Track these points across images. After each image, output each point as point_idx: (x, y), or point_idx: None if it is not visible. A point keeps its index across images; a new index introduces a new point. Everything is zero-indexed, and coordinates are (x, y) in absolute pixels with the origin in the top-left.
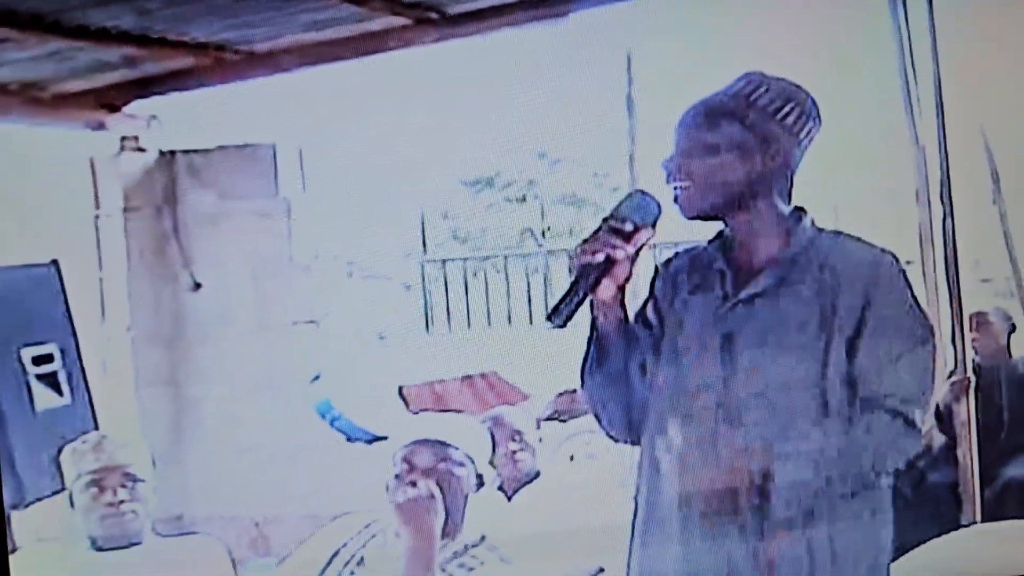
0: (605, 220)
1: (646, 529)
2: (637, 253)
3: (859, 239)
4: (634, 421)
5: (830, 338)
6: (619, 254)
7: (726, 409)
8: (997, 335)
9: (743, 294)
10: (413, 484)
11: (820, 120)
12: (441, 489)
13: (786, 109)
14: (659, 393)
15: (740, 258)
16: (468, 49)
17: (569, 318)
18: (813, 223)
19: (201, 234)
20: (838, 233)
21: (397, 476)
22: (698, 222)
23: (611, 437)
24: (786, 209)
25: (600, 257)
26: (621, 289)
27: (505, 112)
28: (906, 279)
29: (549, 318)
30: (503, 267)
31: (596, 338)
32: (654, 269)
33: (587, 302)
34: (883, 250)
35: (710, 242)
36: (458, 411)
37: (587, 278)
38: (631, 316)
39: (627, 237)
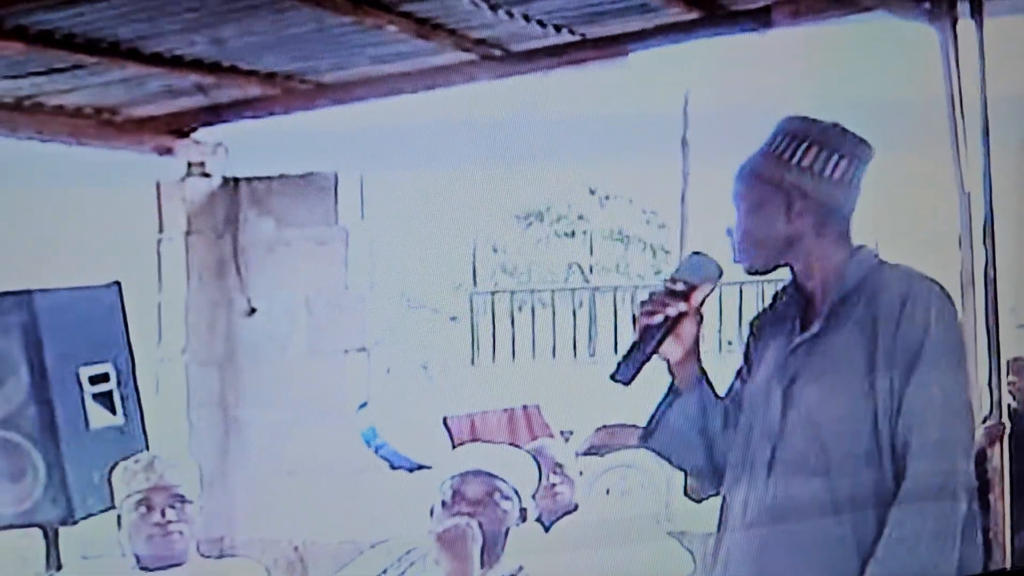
0: (665, 282)
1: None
2: (698, 312)
3: (909, 270)
4: (715, 467)
5: (874, 371)
6: (672, 312)
7: (782, 454)
8: None
9: (800, 338)
10: (457, 514)
11: (866, 146)
12: (485, 520)
13: (799, 151)
14: (736, 442)
15: (807, 302)
16: (528, 86)
17: (634, 377)
18: (875, 256)
19: (259, 260)
20: (892, 265)
21: (444, 504)
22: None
23: (693, 493)
24: (845, 249)
25: (658, 318)
26: (693, 349)
27: (559, 148)
28: (948, 303)
29: (613, 377)
30: (550, 301)
31: (671, 394)
32: (745, 333)
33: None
34: (923, 278)
35: (781, 291)
36: (499, 442)
37: (650, 338)
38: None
39: (684, 296)
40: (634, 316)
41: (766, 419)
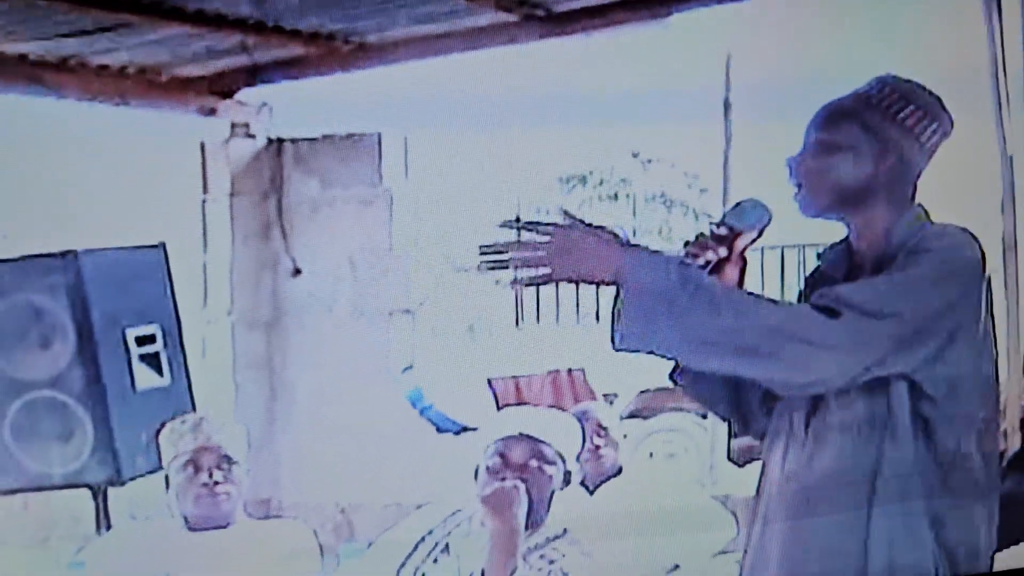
0: (711, 225)
1: (756, 530)
2: (742, 256)
3: (948, 229)
4: (748, 416)
5: (913, 336)
6: (712, 256)
7: (823, 408)
8: None
9: None
10: (502, 479)
11: (951, 123)
12: (530, 485)
13: (907, 111)
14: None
15: (854, 261)
16: (570, 47)
17: None
18: (927, 216)
19: (304, 221)
20: (938, 225)
21: (488, 468)
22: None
23: (736, 456)
24: (905, 212)
25: (700, 260)
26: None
27: (602, 111)
28: (981, 265)
29: None
30: None
31: None
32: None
33: None
34: (962, 234)
35: (830, 249)
36: (543, 405)
37: None
38: None
39: (728, 241)
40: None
41: None
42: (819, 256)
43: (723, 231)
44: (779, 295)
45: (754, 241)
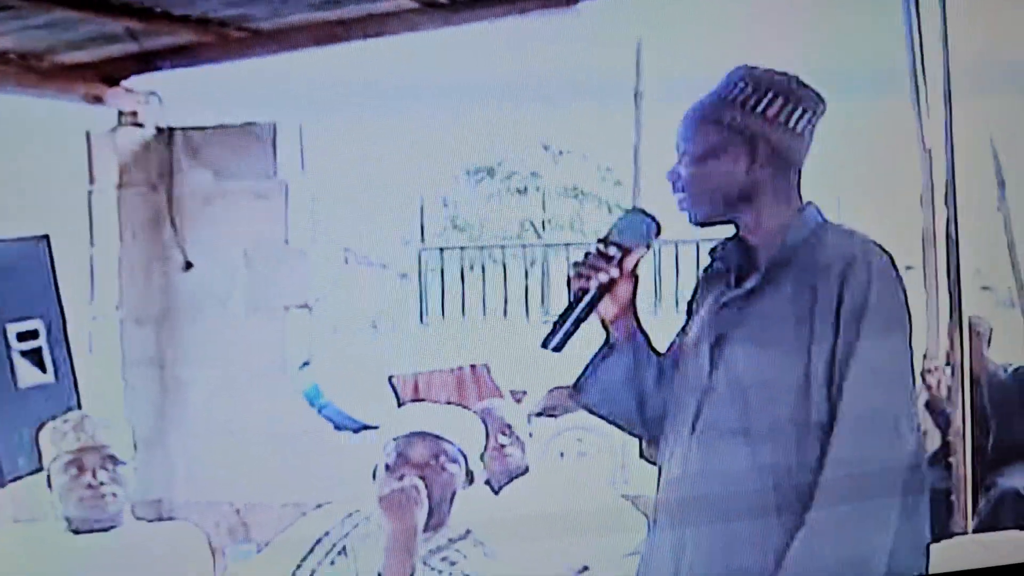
0: (598, 242)
1: (653, 529)
2: (633, 271)
3: (850, 230)
4: (651, 425)
5: (811, 336)
6: (604, 278)
7: (707, 412)
8: (979, 343)
9: (730, 295)
10: (401, 477)
11: (821, 101)
12: (431, 484)
13: (775, 104)
14: (669, 397)
15: (747, 259)
16: (475, 36)
17: (564, 342)
18: (820, 216)
19: (196, 213)
20: (836, 226)
21: (388, 467)
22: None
23: (632, 435)
24: (795, 204)
25: (592, 284)
26: (629, 305)
27: (510, 102)
28: (893, 271)
29: (545, 344)
30: (501, 258)
31: (605, 348)
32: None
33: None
34: (865, 240)
35: (720, 245)
36: (447, 403)
37: (581, 303)
38: (646, 327)
39: (617, 261)
40: (568, 279)
41: (693, 376)
42: (711, 253)
43: (612, 251)
44: (674, 293)
45: (643, 256)
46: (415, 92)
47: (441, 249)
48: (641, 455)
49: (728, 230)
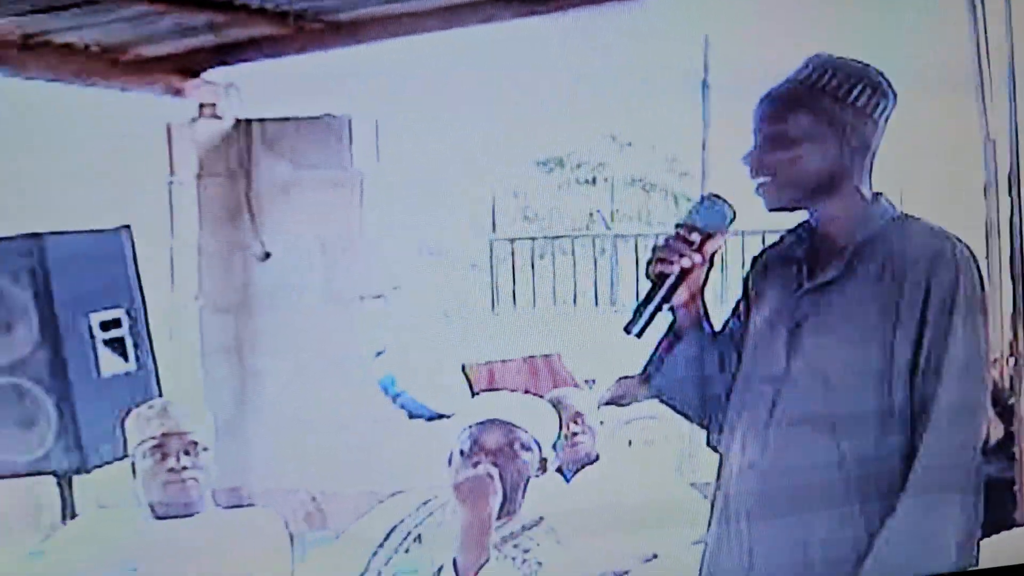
0: (677, 227)
1: (715, 520)
2: (711, 259)
3: (933, 225)
4: (711, 411)
5: (896, 327)
6: (687, 263)
7: (785, 400)
8: None
9: (810, 284)
10: (476, 464)
11: (894, 93)
12: (504, 470)
13: (856, 91)
14: (735, 386)
15: (818, 247)
16: (547, 27)
17: (646, 327)
18: (893, 207)
19: (273, 204)
20: (916, 219)
21: (462, 453)
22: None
23: (691, 421)
24: (868, 194)
25: (675, 268)
26: (699, 291)
27: (579, 93)
28: (974, 266)
29: (627, 329)
30: (571, 249)
31: (672, 334)
32: (747, 267)
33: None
34: (948, 236)
35: (791, 231)
36: (519, 391)
37: (662, 288)
38: (711, 313)
39: (697, 247)
40: (647, 265)
41: (769, 363)
42: (779, 241)
43: (694, 236)
44: (740, 284)
45: (723, 243)
46: (487, 84)
47: (512, 240)
48: (708, 444)
49: (794, 219)
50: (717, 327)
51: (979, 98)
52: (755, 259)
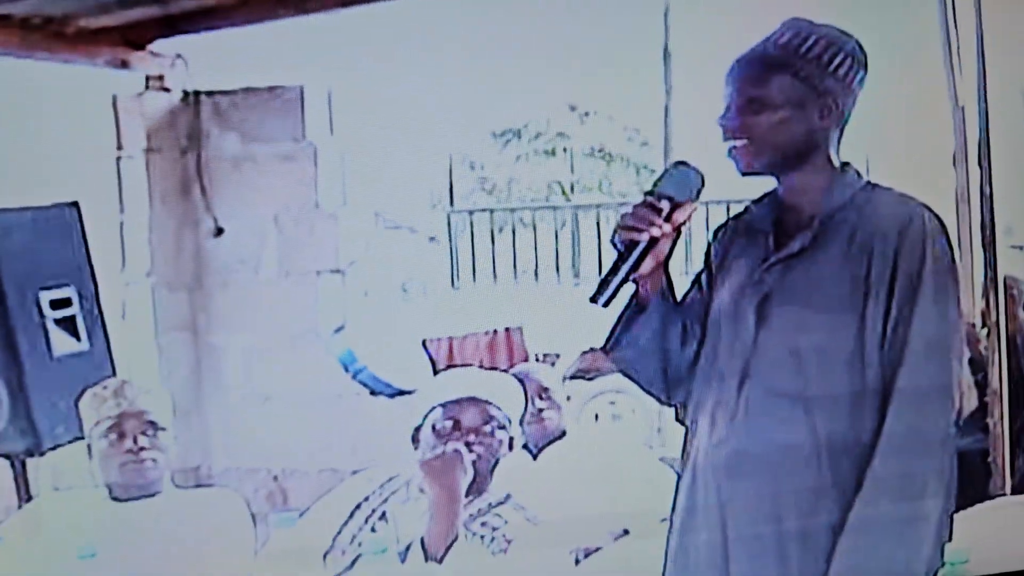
0: (646, 194)
1: (683, 495)
2: (679, 228)
3: (901, 194)
4: (672, 384)
5: (866, 297)
6: (656, 232)
7: (755, 373)
8: (1015, 304)
9: (778, 255)
10: (448, 442)
11: (866, 66)
12: (480, 450)
13: (838, 59)
14: (702, 360)
15: (785, 218)
16: None
17: (614, 297)
18: (860, 177)
19: (225, 178)
20: (885, 188)
21: (436, 431)
22: (750, 179)
23: (651, 395)
24: (837, 163)
25: (644, 237)
26: (663, 262)
27: (536, 62)
28: (944, 236)
29: (594, 299)
30: (531, 221)
31: (635, 305)
32: (709, 238)
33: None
34: (917, 205)
35: (756, 202)
36: (482, 367)
37: (630, 257)
38: (675, 284)
39: (666, 215)
40: (613, 233)
41: (737, 337)
42: (746, 209)
43: (664, 204)
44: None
45: (692, 212)
46: (442, 53)
47: (470, 212)
48: (676, 418)
49: (759, 189)
50: (679, 298)
51: (947, 64)
52: (718, 229)
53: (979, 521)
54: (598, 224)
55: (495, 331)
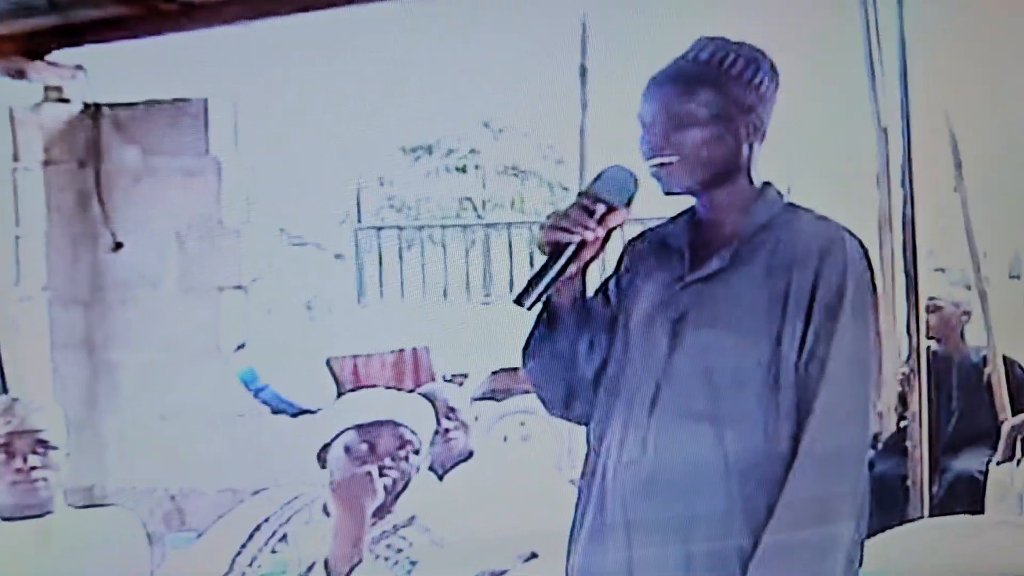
0: (579, 195)
1: (590, 516)
2: (609, 234)
3: (822, 216)
4: (574, 401)
5: (783, 319)
6: (589, 236)
7: (667, 394)
8: (952, 324)
9: (695, 275)
10: (362, 464)
11: (778, 84)
12: (393, 474)
13: (759, 76)
14: (611, 378)
15: (703, 236)
16: (414, 10)
17: (539, 299)
18: (781, 197)
19: (125, 192)
20: (805, 210)
21: (351, 454)
22: (672, 197)
23: (554, 414)
24: (755, 184)
25: (575, 239)
26: (582, 269)
27: (450, 77)
28: (865, 262)
29: (519, 300)
30: (440, 238)
31: (548, 314)
32: (623, 246)
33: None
34: (838, 229)
35: (674, 219)
36: (388, 387)
37: (558, 259)
38: (589, 292)
39: (599, 219)
40: (543, 229)
41: (649, 353)
42: (658, 228)
43: (598, 207)
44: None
45: (626, 218)
46: (352, 67)
47: (378, 228)
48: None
49: (677, 207)
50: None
51: (871, 85)
52: (631, 241)
53: (898, 544)
54: (510, 243)
55: (401, 350)
